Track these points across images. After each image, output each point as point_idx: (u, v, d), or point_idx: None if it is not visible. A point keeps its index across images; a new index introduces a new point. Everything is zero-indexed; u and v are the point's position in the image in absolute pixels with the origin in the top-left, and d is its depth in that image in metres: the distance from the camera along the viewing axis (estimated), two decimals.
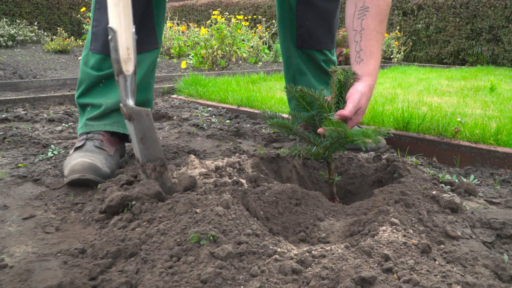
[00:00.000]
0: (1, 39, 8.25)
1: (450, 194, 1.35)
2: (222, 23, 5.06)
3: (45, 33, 9.65)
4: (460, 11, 7.82)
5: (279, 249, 0.94)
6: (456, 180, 1.57)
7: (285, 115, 1.63)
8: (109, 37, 1.17)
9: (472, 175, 1.63)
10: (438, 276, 0.89)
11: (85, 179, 1.33)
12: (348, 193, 1.62)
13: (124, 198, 1.14)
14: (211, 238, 0.92)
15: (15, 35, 8.66)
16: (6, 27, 8.66)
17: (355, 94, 1.40)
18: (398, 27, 8.67)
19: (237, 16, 5.73)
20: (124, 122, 1.58)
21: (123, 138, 1.63)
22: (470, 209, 1.33)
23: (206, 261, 0.88)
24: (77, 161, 1.35)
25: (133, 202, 1.14)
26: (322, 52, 1.98)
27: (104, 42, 1.53)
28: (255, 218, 1.04)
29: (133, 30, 1.22)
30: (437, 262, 0.94)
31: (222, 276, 0.84)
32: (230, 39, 5.05)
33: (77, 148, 1.47)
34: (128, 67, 1.18)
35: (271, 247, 0.94)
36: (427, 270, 0.90)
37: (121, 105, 1.19)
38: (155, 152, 1.19)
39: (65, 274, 0.78)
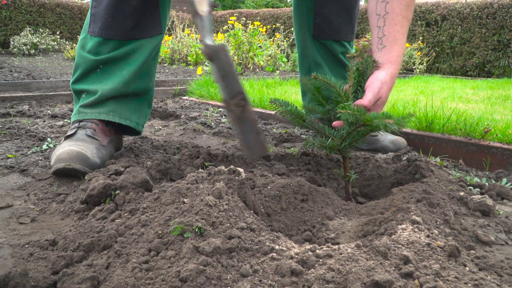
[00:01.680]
0: (24, 47, 8.39)
1: (480, 196, 1.18)
2: (239, 29, 4.97)
3: (67, 42, 9.79)
4: (486, 22, 7.58)
5: (277, 247, 0.80)
6: (486, 184, 1.40)
7: None
8: None
9: (505, 179, 1.46)
10: (469, 285, 0.73)
11: (71, 168, 1.21)
12: (364, 196, 1.46)
13: (106, 187, 1.01)
14: (196, 230, 0.78)
15: (38, 43, 8.80)
16: (30, 36, 8.81)
17: (375, 83, 1.25)
18: (421, 38, 8.46)
19: (254, 22, 5.64)
20: (120, 112, 1.46)
21: (119, 129, 1.52)
22: (504, 213, 1.15)
23: (188, 256, 0.74)
24: (64, 150, 1.24)
25: (117, 192, 1.01)
26: (340, 44, 1.83)
27: (103, 24, 1.43)
28: (252, 212, 0.90)
29: None
30: (467, 269, 0.78)
31: (206, 274, 0.70)
32: (247, 45, 4.96)
33: (67, 137, 1.36)
34: (203, 7, 1.18)
35: (267, 243, 0.80)
36: (456, 277, 0.74)
37: (202, 46, 1.20)
38: (235, 87, 1.18)
39: (16, 264, 0.65)
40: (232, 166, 1.01)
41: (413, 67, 8.00)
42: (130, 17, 1.45)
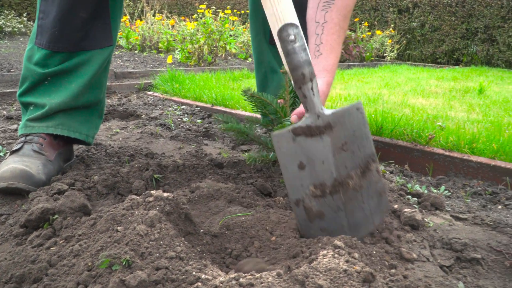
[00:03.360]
0: None
1: (412, 208, 1.25)
2: (209, 18, 4.93)
3: None
4: (456, 10, 7.71)
5: (203, 276, 0.84)
6: (425, 192, 1.47)
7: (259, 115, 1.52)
8: (291, 37, 0.94)
9: (443, 186, 1.53)
10: None
11: (15, 188, 1.22)
12: None
13: (45, 212, 1.03)
14: (124, 263, 0.82)
15: (3, 26, 8.47)
16: None
17: None
18: (392, 25, 8.55)
19: (225, 11, 5.59)
20: (69, 124, 1.46)
21: (69, 140, 1.52)
22: (433, 226, 1.22)
23: None
24: (8, 167, 1.24)
25: (55, 216, 1.03)
26: None
27: (50, 37, 1.41)
28: (183, 238, 0.93)
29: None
30: None
31: None
32: (217, 34, 4.93)
33: (13, 152, 1.36)
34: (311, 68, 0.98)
35: (194, 273, 0.84)
36: None
37: (306, 122, 0.97)
38: (366, 149, 0.98)
39: None
40: (170, 194, 1.04)
41: (384, 55, 8.10)
42: (80, 29, 1.43)
